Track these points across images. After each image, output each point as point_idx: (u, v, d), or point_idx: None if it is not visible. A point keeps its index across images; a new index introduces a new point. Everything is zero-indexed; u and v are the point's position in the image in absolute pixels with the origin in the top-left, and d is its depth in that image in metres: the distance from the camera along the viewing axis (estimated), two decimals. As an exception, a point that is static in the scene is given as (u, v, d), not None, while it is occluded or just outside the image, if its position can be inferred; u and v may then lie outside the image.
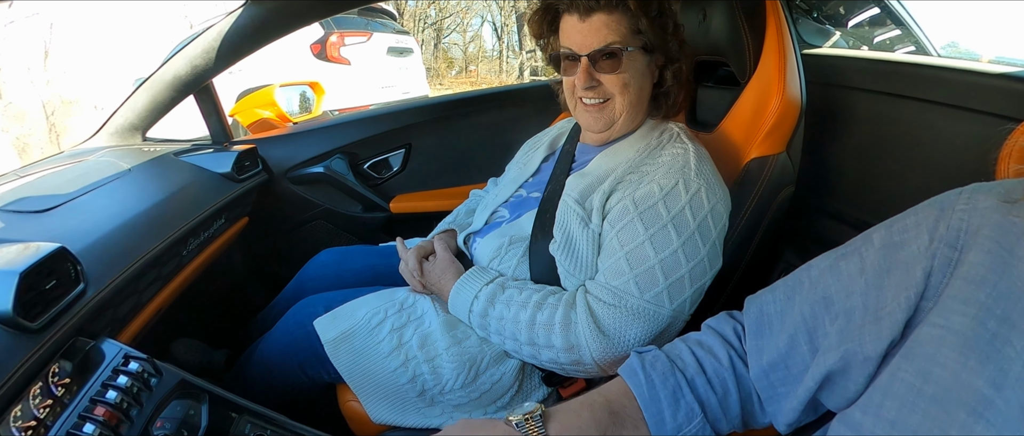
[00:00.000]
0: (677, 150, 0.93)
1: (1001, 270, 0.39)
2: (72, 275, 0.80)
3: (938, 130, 1.07)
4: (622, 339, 0.83)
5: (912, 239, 0.45)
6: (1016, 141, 0.49)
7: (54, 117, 5.75)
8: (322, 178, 1.72)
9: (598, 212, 0.91)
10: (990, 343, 0.37)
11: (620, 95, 0.95)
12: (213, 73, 1.43)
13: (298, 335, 1.01)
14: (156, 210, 1.10)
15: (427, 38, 12.29)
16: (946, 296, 0.41)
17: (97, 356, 0.76)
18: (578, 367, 0.87)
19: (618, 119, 0.97)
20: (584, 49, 0.92)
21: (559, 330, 0.85)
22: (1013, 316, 0.37)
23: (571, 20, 0.93)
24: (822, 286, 0.52)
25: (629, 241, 0.85)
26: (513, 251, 0.98)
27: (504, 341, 0.91)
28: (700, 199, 0.87)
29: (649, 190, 0.88)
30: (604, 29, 0.91)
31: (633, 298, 0.83)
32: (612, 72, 0.93)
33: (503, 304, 0.91)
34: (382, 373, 0.94)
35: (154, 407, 0.71)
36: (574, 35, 0.93)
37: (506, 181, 1.17)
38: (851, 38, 1.81)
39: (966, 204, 0.43)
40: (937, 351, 0.40)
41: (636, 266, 0.84)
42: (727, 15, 1.10)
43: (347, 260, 1.27)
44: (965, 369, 0.38)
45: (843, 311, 0.49)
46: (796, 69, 1.04)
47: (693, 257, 0.84)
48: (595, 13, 0.91)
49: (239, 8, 1.36)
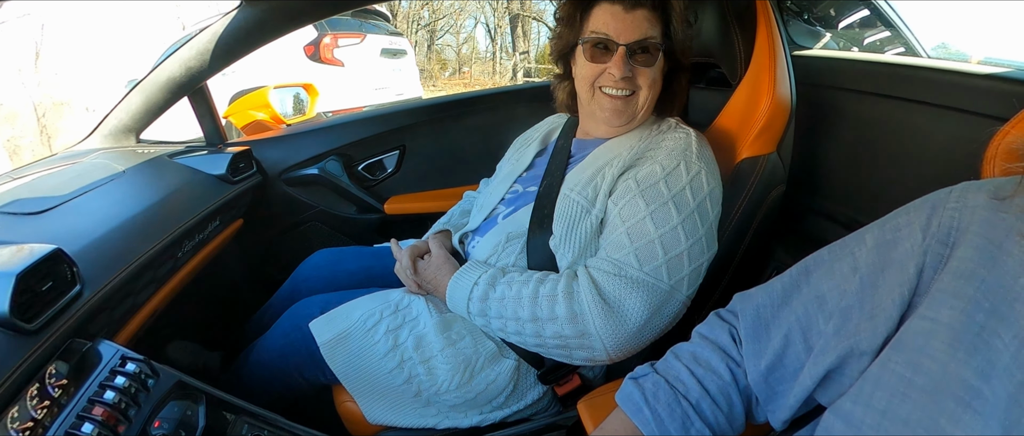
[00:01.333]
0: (679, 135, 0.97)
1: (990, 265, 0.40)
2: (68, 277, 0.80)
3: (927, 130, 1.08)
4: (623, 308, 0.85)
5: (905, 237, 0.46)
6: (1001, 142, 0.50)
7: (45, 119, 5.71)
8: (316, 180, 1.72)
9: (604, 195, 0.93)
10: (978, 335, 0.39)
11: (648, 89, 0.97)
12: (207, 75, 1.43)
13: (294, 337, 1.01)
14: (151, 212, 1.10)
15: (421, 39, 12.31)
16: (936, 290, 0.42)
17: (94, 357, 0.76)
18: (583, 340, 0.87)
19: (640, 112, 0.99)
20: (623, 38, 0.93)
21: (562, 299, 0.86)
22: (1002, 309, 0.38)
23: (613, 9, 0.94)
24: (816, 286, 0.53)
25: (630, 217, 0.88)
26: (511, 248, 0.99)
27: (506, 324, 0.91)
28: (700, 181, 0.90)
29: (652, 170, 0.91)
30: (645, 23, 0.93)
31: (633, 269, 0.86)
32: (646, 66, 0.95)
33: (504, 285, 0.92)
34: (378, 374, 0.94)
35: (152, 408, 0.72)
36: (614, 23, 0.94)
37: (500, 178, 1.18)
38: (842, 39, 1.82)
39: (957, 201, 0.44)
40: (927, 343, 0.41)
41: (636, 240, 0.87)
42: (718, 18, 1.11)
43: (341, 261, 1.27)
44: (954, 360, 0.39)
45: (838, 310, 0.49)
46: (786, 71, 1.05)
47: (692, 235, 0.87)
48: (640, 8, 0.93)
49: (233, 10, 1.37)
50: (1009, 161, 0.48)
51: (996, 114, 0.94)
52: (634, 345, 0.88)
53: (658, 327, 0.88)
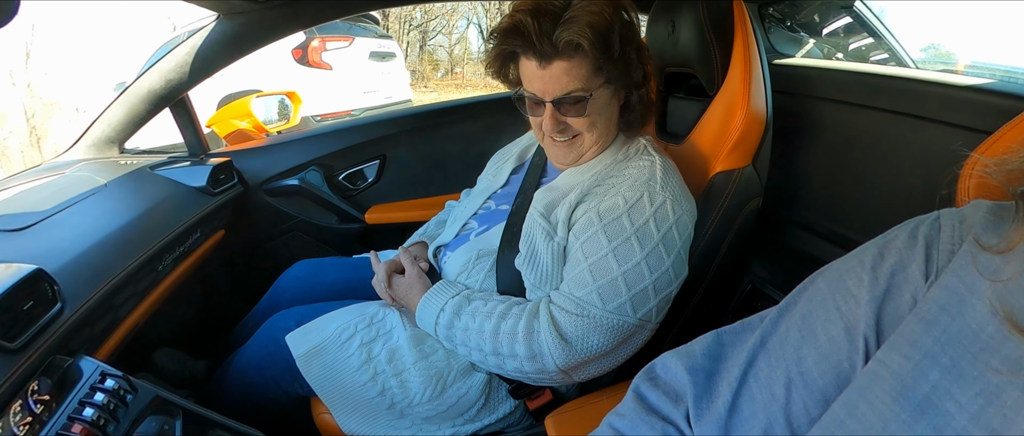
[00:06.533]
0: (644, 163, 0.95)
1: (956, 310, 0.35)
2: (49, 295, 0.81)
3: (907, 141, 1.09)
4: (584, 346, 0.86)
5: (902, 286, 0.39)
6: (972, 170, 0.47)
7: (35, 119, 5.66)
8: (297, 190, 1.73)
9: (564, 224, 0.93)
10: (927, 397, 0.34)
11: (588, 132, 0.96)
12: (187, 87, 1.45)
13: (271, 349, 1.03)
14: (132, 226, 1.12)
15: (413, 40, 12.29)
16: (898, 331, 0.38)
17: (75, 374, 0.78)
18: (542, 375, 0.89)
19: (587, 151, 0.99)
20: (548, 95, 0.91)
21: (522, 339, 0.87)
22: (962, 364, 0.34)
23: (530, 65, 0.91)
24: (795, 358, 0.43)
25: (593, 253, 0.87)
26: (480, 265, 1.01)
27: (470, 352, 0.93)
28: (665, 211, 0.88)
29: (614, 203, 0.90)
30: (565, 76, 0.89)
31: (596, 309, 0.85)
32: (578, 116, 0.93)
33: (468, 315, 0.93)
34: (352, 387, 0.96)
35: (130, 423, 0.74)
36: (535, 81, 0.91)
37: (475, 193, 1.20)
38: (826, 46, 1.81)
39: (949, 241, 0.39)
40: (870, 386, 0.37)
41: (599, 277, 0.86)
42: (695, 28, 1.09)
43: (321, 273, 1.29)
44: (895, 419, 0.34)
45: (822, 388, 0.42)
46: (762, 83, 1.05)
47: (656, 268, 0.86)
48: (554, 60, 0.88)
49: (210, 24, 1.39)
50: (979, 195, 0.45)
51: (976, 126, 0.95)
52: (598, 371, 0.91)
53: (624, 354, 0.91)
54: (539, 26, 0.86)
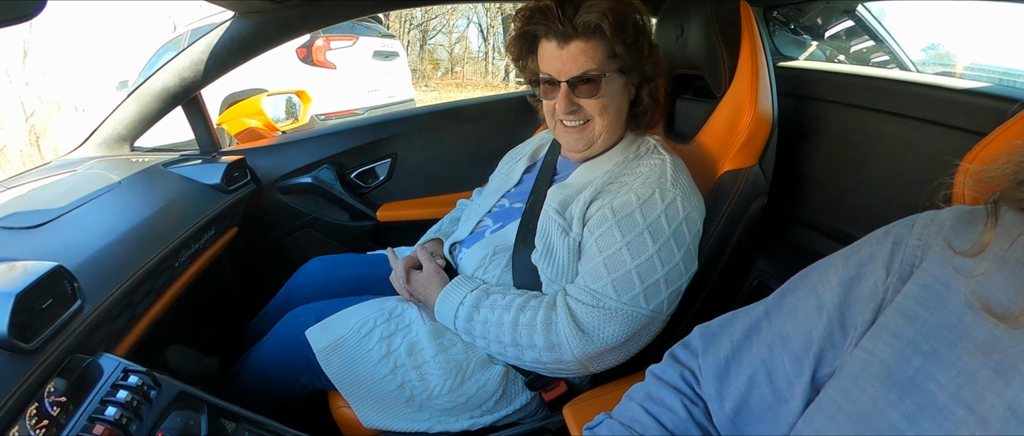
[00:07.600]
0: (655, 161, 0.98)
1: (934, 305, 0.40)
2: (69, 292, 0.80)
3: (907, 142, 1.11)
4: (601, 336, 0.88)
5: (868, 273, 0.45)
6: (964, 177, 0.50)
7: (34, 118, 5.65)
8: (310, 188, 1.74)
9: (578, 220, 0.96)
10: (911, 379, 0.38)
11: (599, 116, 0.99)
12: (201, 85, 1.46)
13: (290, 344, 1.04)
14: (148, 223, 1.12)
15: (413, 39, 12.30)
16: (880, 323, 0.42)
17: (95, 372, 0.76)
18: (560, 365, 0.91)
19: (598, 138, 1.01)
20: (563, 75, 0.96)
21: (541, 330, 0.90)
22: (941, 350, 0.38)
23: (549, 46, 0.96)
24: (780, 326, 0.52)
25: (607, 247, 0.90)
26: (497, 261, 1.02)
27: (489, 344, 0.95)
28: (675, 208, 0.92)
29: (627, 199, 0.93)
30: (582, 56, 0.94)
31: (611, 300, 0.88)
32: (591, 97, 0.97)
33: (487, 308, 0.95)
34: (372, 380, 0.97)
35: (154, 420, 0.73)
36: (553, 62, 0.96)
37: (489, 191, 1.21)
38: (829, 48, 1.83)
39: (918, 239, 0.43)
40: (861, 373, 0.41)
41: (614, 270, 0.89)
42: (703, 32, 1.13)
43: (336, 269, 1.29)
44: (884, 399, 0.39)
45: (805, 351, 0.48)
46: (768, 85, 1.07)
47: (668, 262, 0.89)
48: (573, 41, 0.94)
49: (227, 21, 1.39)
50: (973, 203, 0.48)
51: (974, 128, 0.97)
52: (612, 361, 0.93)
53: (638, 345, 0.93)
54: (562, 9, 0.93)
